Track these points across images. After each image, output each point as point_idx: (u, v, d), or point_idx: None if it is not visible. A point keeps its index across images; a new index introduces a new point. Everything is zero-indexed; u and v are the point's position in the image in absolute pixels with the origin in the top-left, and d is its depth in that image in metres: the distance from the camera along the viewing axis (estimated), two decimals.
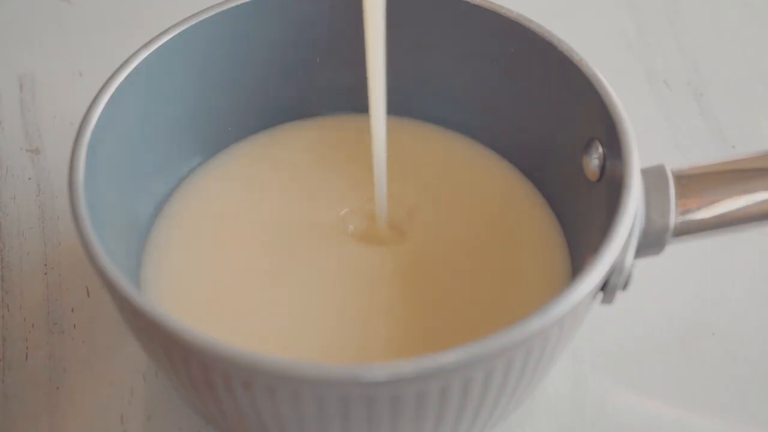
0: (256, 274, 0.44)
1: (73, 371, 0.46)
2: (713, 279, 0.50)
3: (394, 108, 0.50)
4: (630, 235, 0.38)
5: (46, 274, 0.49)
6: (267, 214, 0.47)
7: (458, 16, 0.46)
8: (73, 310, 0.48)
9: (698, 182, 0.40)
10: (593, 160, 0.43)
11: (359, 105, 0.51)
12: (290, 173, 0.49)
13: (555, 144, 0.46)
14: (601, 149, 0.42)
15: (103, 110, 0.41)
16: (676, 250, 0.43)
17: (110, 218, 0.41)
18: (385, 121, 0.44)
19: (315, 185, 0.48)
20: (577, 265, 0.44)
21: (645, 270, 0.44)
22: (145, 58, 0.43)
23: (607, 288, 0.38)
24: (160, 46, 0.43)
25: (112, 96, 0.41)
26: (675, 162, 0.41)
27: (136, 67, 0.42)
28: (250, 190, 0.48)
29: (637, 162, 0.39)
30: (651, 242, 0.40)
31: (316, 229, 0.46)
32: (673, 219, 0.40)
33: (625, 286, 0.38)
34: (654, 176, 0.40)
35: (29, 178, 0.53)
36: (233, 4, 0.46)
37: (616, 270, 0.37)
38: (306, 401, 0.35)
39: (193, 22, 0.45)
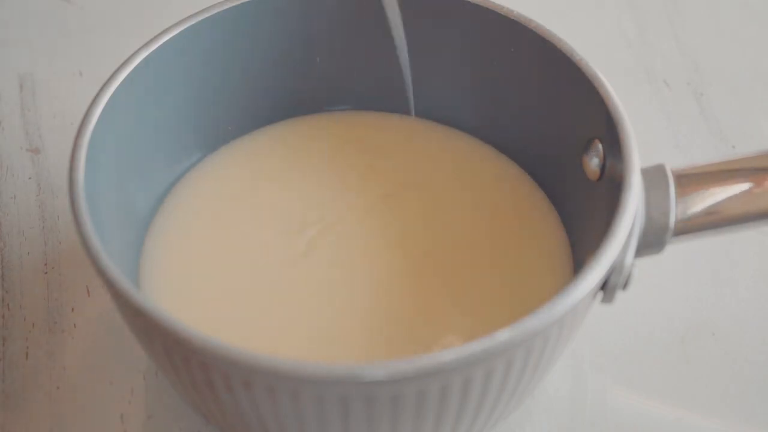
0: (257, 271, 0.44)
1: (73, 371, 0.46)
2: (713, 279, 0.50)
3: (396, 107, 0.51)
4: (630, 234, 0.38)
5: (46, 273, 0.49)
6: (267, 209, 0.47)
7: (458, 16, 0.46)
8: (73, 310, 0.48)
9: (698, 182, 0.40)
10: (593, 160, 0.43)
11: (358, 102, 0.51)
12: (290, 169, 0.49)
13: (555, 143, 0.46)
14: (601, 149, 0.42)
15: (103, 110, 0.41)
16: (676, 250, 0.43)
17: (110, 217, 0.41)
18: None
19: (315, 180, 0.48)
20: (579, 264, 0.44)
21: (645, 270, 0.44)
22: (145, 58, 0.43)
23: (607, 287, 0.38)
24: (160, 46, 0.44)
25: (112, 96, 0.41)
26: (675, 162, 0.41)
27: (136, 67, 0.42)
28: (250, 187, 0.48)
29: (637, 161, 0.39)
30: (651, 241, 0.40)
31: (316, 225, 0.46)
32: (674, 218, 0.40)
33: (625, 285, 0.38)
34: (654, 176, 0.40)
35: (29, 178, 0.53)
36: (233, 4, 0.46)
37: (616, 269, 0.37)
38: (306, 401, 0.35)
39: (193, 21, 0.45)
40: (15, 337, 0.47)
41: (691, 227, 0.40)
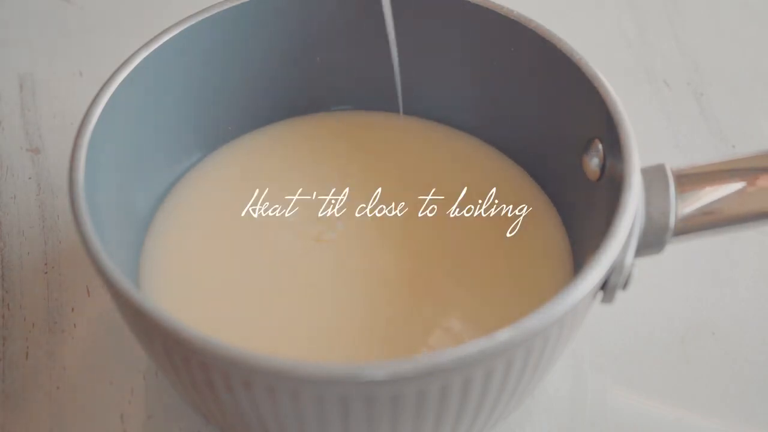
0: (257, 271, 0.44)
1: (73, 371, 0.46)
2: (713, 279, 0.50)
3: (396, 107, 0.51)
4: (630, 234, 0.38)
5: (46, 273, 0.49)
6: (267, 210, 0.47)
7: (459, 16, 0.46)
8: (73, 310, 0.48)
9: (698, 182, 0.40)
10: (593, 160, 0.43)
11: (358, 102, 0.51)
12: (290, 169, 0.49)
13: (556, 143, 0.46)
14: (601, 149, 0.42)
15: (103, 110, 0.41)
16: (676, 250, 0.43)
17: (110, 217, 0.41)
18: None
19: (315, 181, 0.48)
20: (579, 264, 0.44)
21: (645, 270, 0.44)
22: (145, 58, 0.43)
23: (607, 287, 0.38)
24: (160, 46, 0.44)
25: (112, 96, 0.41)
26: (675, 162, 0.41)
27: (136, 67, 0.43)
28: (250, 187, 0.48)
29: (637, 161, 0.39)
30: (651, 241, 0.40)
31: (316, 226, 0.46)
32: (674, 218, 0.40)
33: (625, 285, 0.38)
34: (654, 175, 0.40)
35: (29, 178, 0.53)
36: (233, 4, 0.46)
37: (616, 269, 0.37)
38: (306, 401, 0.35)
39: (193, 22, 0.45)
40: (15, 337, 0.47)
41: (691, 227, 0.40)
